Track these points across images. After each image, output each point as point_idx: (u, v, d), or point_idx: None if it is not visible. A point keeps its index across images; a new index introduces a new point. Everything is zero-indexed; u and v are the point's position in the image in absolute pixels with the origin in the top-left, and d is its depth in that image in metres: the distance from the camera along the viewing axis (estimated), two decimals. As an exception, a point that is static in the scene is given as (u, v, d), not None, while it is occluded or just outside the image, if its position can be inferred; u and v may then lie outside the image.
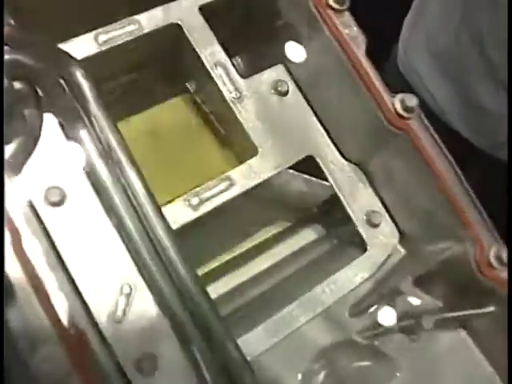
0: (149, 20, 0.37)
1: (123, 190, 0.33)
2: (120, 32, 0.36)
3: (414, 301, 0.36)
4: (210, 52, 0.37)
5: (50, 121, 0.32)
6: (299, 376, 0.34)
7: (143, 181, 0.33)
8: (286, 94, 0.38)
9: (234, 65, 0.38)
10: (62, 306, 0.27)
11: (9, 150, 0.31)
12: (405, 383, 0.35)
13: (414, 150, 0.33)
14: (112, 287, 0.31)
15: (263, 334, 0.33)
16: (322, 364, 0.34)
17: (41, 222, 0.31)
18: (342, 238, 0.41)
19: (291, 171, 0.38)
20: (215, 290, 0.39)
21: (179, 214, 0.34)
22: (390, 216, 0.38)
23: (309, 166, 0.38)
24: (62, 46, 0.34)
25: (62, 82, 0.32)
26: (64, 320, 0.26)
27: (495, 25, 0.52)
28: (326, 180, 0.38)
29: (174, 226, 0.33)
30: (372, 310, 0.36)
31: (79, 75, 0.33)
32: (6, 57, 0.30)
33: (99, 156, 0.32)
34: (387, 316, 0.35)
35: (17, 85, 0.30)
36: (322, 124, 0.38)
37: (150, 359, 0.31)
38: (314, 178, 0.38)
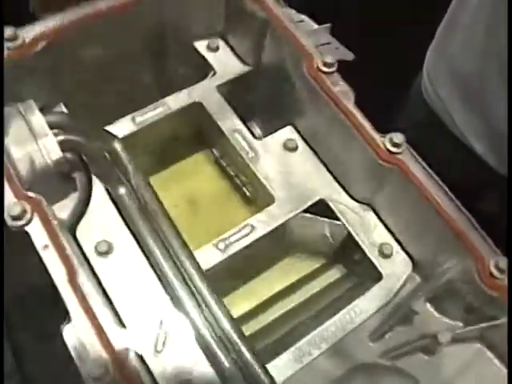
0: (175, 101, 0.44)
1: (159, 239, 0.38)
2: (152, 114, 0.43)
3: (430, 320, 0.38)
4: (228, 122, 0.44)
5: (97, 185, 0.39)
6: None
7: (175, 229, 0.38)
8: (295, 149, 0.43)
9: (249, 129, 0.44)
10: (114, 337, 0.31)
11: (66, 210, 0.37)
12: None
13: (408, 181, 0.37)
14: (154, 317, 0.35)
15: (289, 359, 0.36)
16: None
17: (93, 270, 0.37)
18: (362, 277, 0.43)
19: (307, 214, 0.42)
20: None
21: (209, 257, 0.38)
22: (401, 246, 0.41)
23: (322, 209, 0.42)
24: (107, 127, 0.41)
25: (106, 154, 0.39)
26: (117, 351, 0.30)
27: None
28: (338, 220, 0.41)
29: (205, 268, 0.38)
30: (391, 333, 0.37)
31: (120, 150, 0.39)
32: (60, 137, 0.37)
33: (138, 211, 0.38)
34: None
35: (68, 156, 0.37)
36: (330, 171, 0.43)
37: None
38: (327, 219, 0.42)
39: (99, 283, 0.36)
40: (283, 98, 0.44)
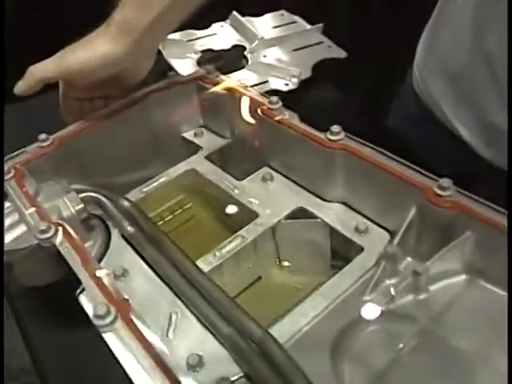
0: (175, 171, 0.54)
1: (164, 255, 0.43)
2: (156, 183, 0.53)
3: (410, 264, 0.39)
4: (216, 175, 0.52)
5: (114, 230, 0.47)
6: (328, 356, 0.35)
7: (177, 246, 0.44)
8: (272, 179, 0.51)
9: (233, 175, 0.52)
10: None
11: (93, 249, 0.44)
12: (429, 337, 0.35)
13: (354, 158, 0.42)
14: (164, 314, 0.39)
15: (286, 324, 0.37)
16: (346, 342, 0.36)
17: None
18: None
19: (290, 220, 0.47)
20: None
21: (208, 262, 0.43)
22: (375, 224, 0.44)
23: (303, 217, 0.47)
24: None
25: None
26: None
27: (505, 48, 0.51)
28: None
29: (205, 270, 0.42)
30: (380, 286, 0.39)
31: (130, 207, 0.48)
32: (81, 195, 0.46)
33: (145, 241, 0.45)
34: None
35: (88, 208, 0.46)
36: (303, 187, 0.49)
37: (196, 356, 0.36)
38: (309, 220, 0.46)
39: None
40: (256, 147, 0.53)
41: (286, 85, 0.71)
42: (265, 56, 0.78)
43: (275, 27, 0.82)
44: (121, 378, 0.31)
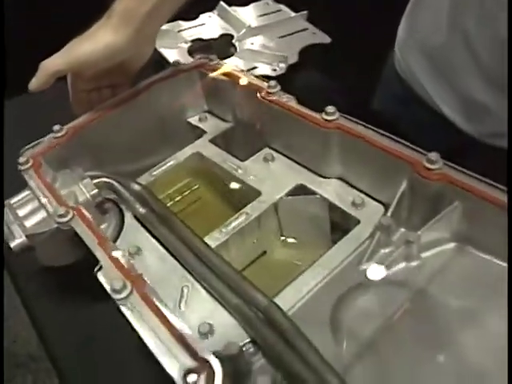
0: (182, 155, 0.55)
1: (174, 234, 0.45)
2: (165, 167, 0.54)
3: (402, 234, 0.40)
4: (220, 157, 0.54)
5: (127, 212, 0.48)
6: (328, 322, 0.36)
7: (186, 224, 0.45)
8: (272, 159, 0.52)
9: (236, 157, 0.53)
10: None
11: (108, 230, 0.46)
12: (421, 302, 0.37)
13: (349, 137, 0.43)
14: (176, 288, 0.41)
15: (288, 293, 0.39)
16: (345, 308, 0.37)
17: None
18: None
19: (291, 197, 0.48)
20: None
21: (215, 238, 0.45)
22: (370, 197, 0.45)
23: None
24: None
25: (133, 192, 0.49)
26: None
27: (482, 25, 0.53)
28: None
29: (212, 246, 0.44)
30: (375, 256, 0.40)
31: (141, 190, 0.49)
32: (95, 180, 0.48)
33: (157, 221, 0.46)
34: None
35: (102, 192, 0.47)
36: (301, 165, 0.50)
37: (207, 325, 0.37)
38: (309, 196, 0.48)
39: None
40: (257, 129, 0.54)
41: (274, 70, 0.72)
42: (252, 43, 0.78)
43: (261, 16, 0.82)
44: (132, 352, 0.32)
